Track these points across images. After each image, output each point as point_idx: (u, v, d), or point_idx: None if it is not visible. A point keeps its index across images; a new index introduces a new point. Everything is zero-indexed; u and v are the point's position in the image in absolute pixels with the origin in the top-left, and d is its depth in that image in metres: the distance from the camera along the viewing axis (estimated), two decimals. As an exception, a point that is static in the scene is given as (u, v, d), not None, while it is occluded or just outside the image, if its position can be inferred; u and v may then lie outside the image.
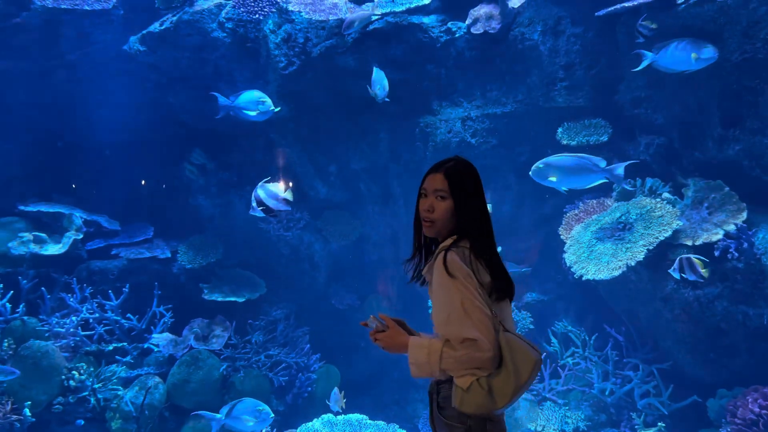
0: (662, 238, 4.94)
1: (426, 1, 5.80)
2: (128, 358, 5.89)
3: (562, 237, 5.74)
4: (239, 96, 5.49)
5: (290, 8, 5.95)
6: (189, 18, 6.07)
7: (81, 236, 6.37)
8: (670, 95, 5.47)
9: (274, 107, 5.52)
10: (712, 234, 4.87)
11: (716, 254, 4.81)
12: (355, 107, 6.11)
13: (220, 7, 6.10)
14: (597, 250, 5.26)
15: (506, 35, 5.98)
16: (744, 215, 4.88)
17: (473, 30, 5.94)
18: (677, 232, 4.97)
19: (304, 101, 6.19)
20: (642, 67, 4.96)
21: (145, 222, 6.99)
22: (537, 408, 5.63)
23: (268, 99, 5.48)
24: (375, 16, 5.77)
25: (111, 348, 5.90)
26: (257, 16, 5.99)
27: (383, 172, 6.64)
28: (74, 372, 5.54)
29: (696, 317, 5.03)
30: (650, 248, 4.94)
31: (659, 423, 5.10)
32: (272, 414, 5.06)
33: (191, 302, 6.35)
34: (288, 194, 5.09)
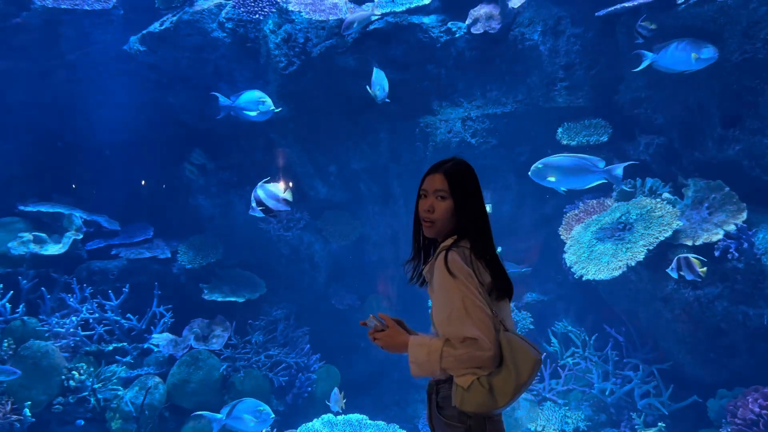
0: (662, 239, 4.94)
1: (426, 1, 5.80)
2: (128, 358, 5.89)
3: (563, 237, 5.74)
4: (240, 96, 5.49)
5: (290, 8, 5.94)
6: (189, 18, 6.07)
7: (81, 236, 6.37)
8: (670, 95, 5.47)
9: (274, 107, 5.52)
10: (713, 234, 4.87)
11: (716, 254, 4.81)
12: (355, 107, 6.11)
13: (220, 7, 6.10)
14: (597, 251, 5.26)
15: (506, 35, 5.98)
16: (744, 215, 4.88)
17: (473, 30, 5.95)
18: (677, 232, 4.97)
19: (304, 101, 6.19)
20: (642, 68, 4.96)
21: (145, 222, 6.99)
22: (537, 408, 5.63)
23: (269, 99, 5.48)
24: (375, 17, 5.77)
25: (111, 348, 5.90)
26: (257, 16, 5.99)
27: (383, 172, 6.64)
28: (74, 372, 5.54)
29: (696, 317, 5.03)
30: (650, 248, 4.94)
31: (659, 423, 5.10)
32: (273, 414, 5.06)
33: (191, 302, 6.35)
34: (287, 194, 5.09)
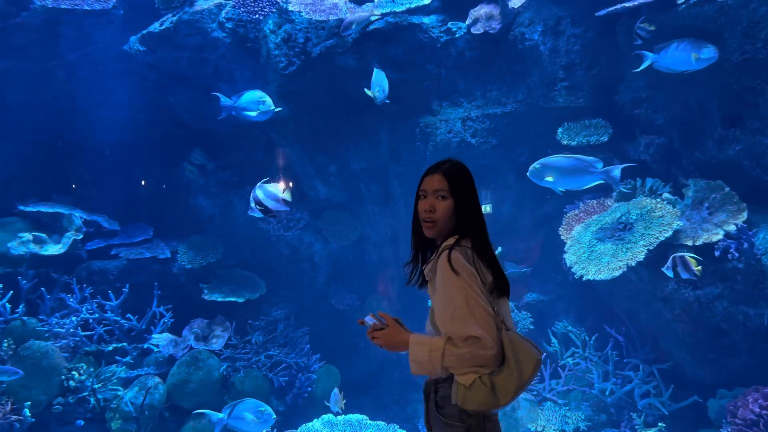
0: (663, 239, 4.94)
1: (426, 1, 5.80)
2: (128, 359, 5.89)
3: (563, 237, 5.74)
4: (241, 96, 5.49)
5: (290, 8, 5.94)
6: (189, 18, 6.06)
7: (81, 236, 6.37)
8: (671, 95, 5.47)
9: (274, 107, 5.52)
10: (713, 234, 4.87)
11: (716, 254, 4.81)
12: (355, 107, 6.11)
13: (220, 7, 6.10)
14: (597, 251, 5.26)
15: (506, 35, 5.97)
16: (744, 215, 4.88)
17: (473, 30, 5.94)
18: (678, 233, 4.97)
19: (304, 101, 6.19)
20: (643, 68, 4.95)
21: (145, 222, 6.99)
22: (537, 408, 5.63)
23: (269, 99, 5.48)
24: (374, 17, 5.76)
25: (111, 348, 5.90)
26: (257, 16, 5.98)
27: (383, 172, 6.64)
28: (74, 372, 5.54)
29: (696, 317, 5.02)
30: (651, 248, 4.94)
31: (659, 423, 5.10)
32: (274, 415, 5.05)
33: (191, 302, 6.35)
34: (286, 194, 5.08)
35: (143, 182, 7.31)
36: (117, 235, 6.75)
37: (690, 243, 4.91)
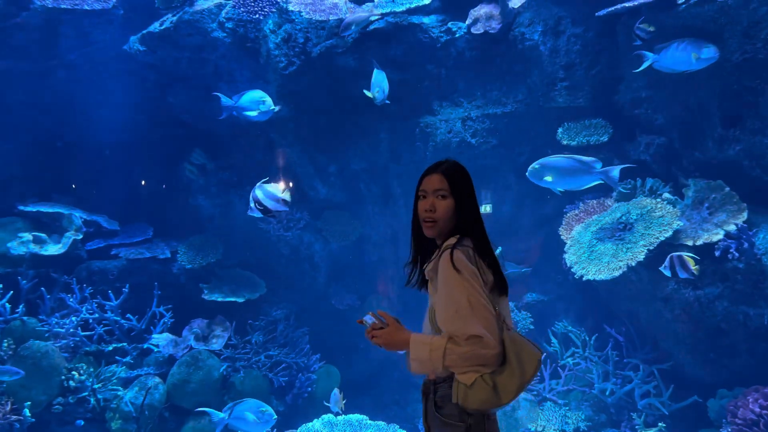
0: (663, 239, 4.94)
1: (426, 1, 5.80)
2: (128, 359, 5.89)
3: (563, 237, 5.73)
4: (242, 96, 5.49)
5: (290, 8, 5.94)
6: (189, 18, 6.06)
7: (81, 236, 6.37)
8: (671, 95, 5.46)
9: (274, 106, 5.51)
10: (713, 234, 4.87)
11: (717, 254, 4.81)
12: (355, 107, 6.11)
13: (220, 7, 6.09)
14: (597, 251, 5.26)
15: (506, 35, 5.97)
16: (744, 215, 4.88)
17: (473, 30, 5.94)
18: (678, 233, 4.97)
19: (304, 101, 6.19)
20: (643, 68, 4.95)
21: (145, 222, 6.99)
22: (537, 408, 5.63)
23: (269, 98, 5.48)
24: (374, 17, 5.76)
25: (111, 348, 5.90)
26: (257, 16, 5.98)
27: (383, 172, 6.64)
28: (74, 372, 5.54)
29: (696, 317, 5.02)
30: (651, 248, 4.94)
31: (660, 423, 5.10)
32: (275, 416, 5.05)
33: (191, 302, 6.35)
34: (286, 195, 5.08)
35: (143, 182, 7.30)
36: (117, 235, 6.75)
37: (690, 243, 4.91)
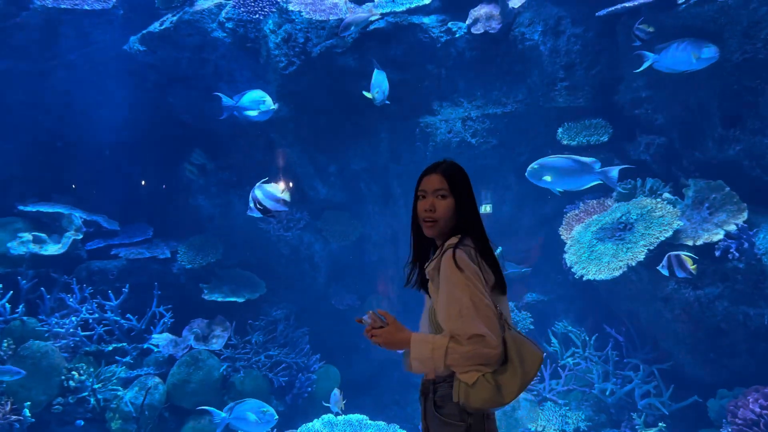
0: (663, 239, 4.94)
1: (426, 1, 5.80)
2: (128, 359, 5.89)
3: (563, 237, 5.73)
4: (243, 96, 5.48)
5: (290, 8, 5.94)
6: (189, 18, 6.06)
7: (80, 236, 6.37)
8: (671, 95, 5.46)
9: (273, 105, 5.51)
10: (713, 234, 4.87)
11: (717, 254, 4.81)
12: (355, 107, 6.10)
13: (220, 7, 6.10)
14: (598, 251, 5.26)
15: (506, 35, 5.97)
16: (745, 215, 4.88)
17: (473, 30, 5.94)
18: (678, 232, 4.97)
19: (304, 101, 6.19)
20: (643, 68, 4.95)
21: (145, 222, 6.99)
22: (537, 408, 5.63)
23: (269, 98, 5.48)
24: (374, 17, 5.76)
25: (111, 348, 5.90)
26: (257, 16, 5.98)
27: (383, 172, 6.64)
28: (74, 372, 5.53)
29: (696, 317, 5.02)
30: (651, 248, 4.94)
31: (660, 423, 5.10)
32: (276, 416, 5.05)
33: (191, 302, 6.35)
34: (285, 195, 5.08)
35: (143, 182, 7.30)
36: (117, 235, 6.75)
37: (690, 243, 4.91)
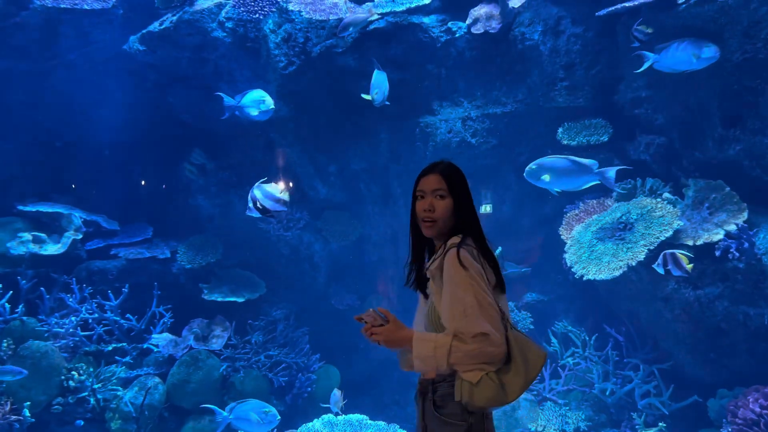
0: (663, 238, 4.94)
1: (426, 1, 5.80)
2: (128, 359, 5.88)
3: (563, 237, 5.73)
4: (244, 96, 5.48)
5: (290, 8, 5.94)
6: (189, 17, 6.06)
7: (80, 236, 6.36)
8: (671, 95, 5.46)
9: (273, 104, 5.51)
10: (713, 234, 4.87)
11: (717, 254, 4.81)
12: (355, 107, 6.10)
13: (220, 7, 6.09)
14: (598, 250, 5.26)
15: (506, 35, 5.97)
16: (745, 215, 4.88)
17: (473, 30, 5.94)
18: (678, 232, 4.97)
19: (304, 101, 6.19)
20: (644, 68, 4.95)
21: (145, 222, 6.98)
22: (537, 408, 5.62)
23: (269, 98, 5.47)
24: (373, 18, 5.75)
25: (110, 348, 5.89)
26: (257, 16, 5.98)
27: (383, 172, 6.64)
28: (73, 372, 5.53)
29: (696, 317, 5.02)
30: (651, 248, 4.94)
31: (660, 423, 5.10)
32: (279, 416, 5.04)
33: (191, 302, 6.34)
34: (284, 195, 5.07)
35: (143, 182, 7.30)
36: (116, 235, 6.74)
37: (690, 243, 4.91)
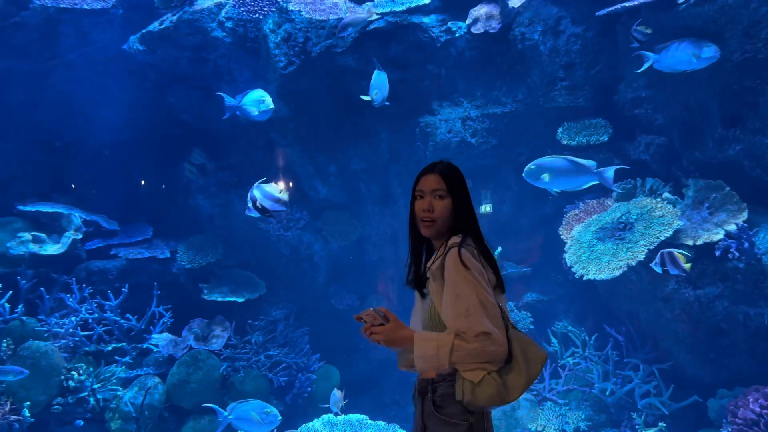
0: (663, 238, 4.94)
1: (426, 1, 5.80)
2: (127, 359, 5.88)
3: (563, 237, 5.73)
4: (245, 95, 5.47)
5: (290, 7, 5.94)
6: (189, 17, 6.06)
7: (80, 236, 6.36)
8: (671, 95, 5.46)
9: (273, 105, 5.51)
10: (713, 234, 4.87)
11: (717, 254, 4.81)
12: (355, 107, 6.09)
13: (220, 7, 6.09)
14: (598, 250, 5.26)
15: (506, 35, 5.97)
16: (745, 215, 4.88)
17: (473, 30, 5.94)
18: (678, 232, 4.97)
19: (304, 101, 6.19)
20: (644, 69, 4.95)
21: (145, 222, 6.98)
22: (537, 408, 5.62)
23: (269, 97, 5.47)
24: (373, 18, 5.75)
25: (110, 348, 5.89)
26: (257, 16, 5.98)
27: (383, 172, 6.64)
28: (73, 372, 5.53)
29: (696, 317, 5.02)
30: (651, 248, 4.93)
31: (660, 423, 5.10)
32: (280, 417, 5.04)
33: (191, 302, 6.34)
34: (284, 194, 5.07)
35: (143, 182, 7.30)
36: (116, 235, 6.73)
37: (690, 243, 4.91)
